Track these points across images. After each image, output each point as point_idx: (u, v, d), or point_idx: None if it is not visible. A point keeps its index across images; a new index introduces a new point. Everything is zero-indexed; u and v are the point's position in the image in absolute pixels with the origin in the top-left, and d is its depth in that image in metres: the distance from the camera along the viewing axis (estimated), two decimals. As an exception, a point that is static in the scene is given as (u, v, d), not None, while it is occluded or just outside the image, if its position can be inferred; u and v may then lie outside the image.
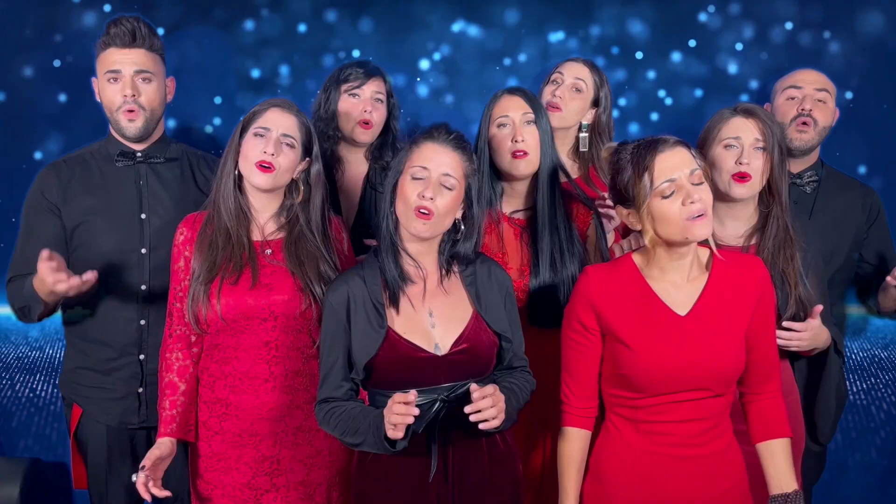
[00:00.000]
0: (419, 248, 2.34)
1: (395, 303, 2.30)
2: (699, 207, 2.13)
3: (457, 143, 2.33)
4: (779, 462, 2.27)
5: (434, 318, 2.31)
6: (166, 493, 2.43)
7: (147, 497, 2.48)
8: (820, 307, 2.54)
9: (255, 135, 2.48)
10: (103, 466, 2.82)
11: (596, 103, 3.07)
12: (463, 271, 2.37)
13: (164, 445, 2.50)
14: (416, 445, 2.24)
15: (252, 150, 2.47)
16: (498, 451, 2.34)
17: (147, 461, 2.45)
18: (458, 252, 2.37)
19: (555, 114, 3.00)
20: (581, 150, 3.07)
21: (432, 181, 2.27)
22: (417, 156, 2.31)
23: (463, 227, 2.35)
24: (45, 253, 2.48)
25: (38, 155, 3.43)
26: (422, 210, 2.26)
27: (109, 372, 2.80)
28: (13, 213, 3.02)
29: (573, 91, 3.03)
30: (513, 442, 2.42)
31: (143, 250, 2.78)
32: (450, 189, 2.29)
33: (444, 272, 2.35)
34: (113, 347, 2.79)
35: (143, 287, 2.78)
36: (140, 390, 2.80)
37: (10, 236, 2.94)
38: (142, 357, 2.80)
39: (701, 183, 2.17)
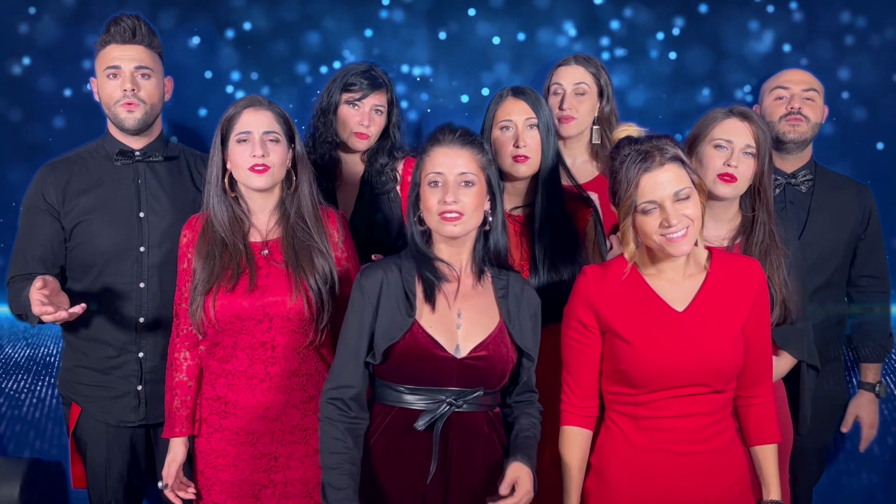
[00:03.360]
0: (452, 251, 2.33)
1: (429, 300, 2.29)
2: (676, 229, 2.15)
3: (464, 139, 2.32)
4: (767, 468, 2.32)
5: (462, 319, 2.30)
6: (192, 489, 2.58)
7: (177, 502, 2.60)
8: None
9: (239, 141, 2.49)
10: (102, 465, 2.83)
11: (600, 93, 3.08)
12: (496, 280, 2.36)
13: (179, 452, 2.57)
14: (417, 447, 2.25)
15: (241, 157, 2.49)
16: (497, 460, 2.33)
17: (169, 478, 2.57)
18: (491, 247, 2.36)
19: (570, 123, 3.03)
20: (594, 142, 3.08)
21: (450, 184, 2.27)
22: (430, 163, 2.30)
23: (491, 219, 2.35)
24: (38, 282, 2.48)
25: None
26: (447, 214, 2.25)
27: (108, 370, 2.81)
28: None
29: (578, 95, 3.04)
30: None
31: (142, 248, 2.78)
32: (470, 185, 2.28)
33: (477, 275, 2.35)
34: (112, 346, 2.79)
35: (142, 285, 2.78)
36: (139, 388, 2.81)
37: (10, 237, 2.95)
38: (140, 355, 2.80)
39: (687, 198, 2.17)
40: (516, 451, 2.30)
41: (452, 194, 2.26)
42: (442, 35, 3.50)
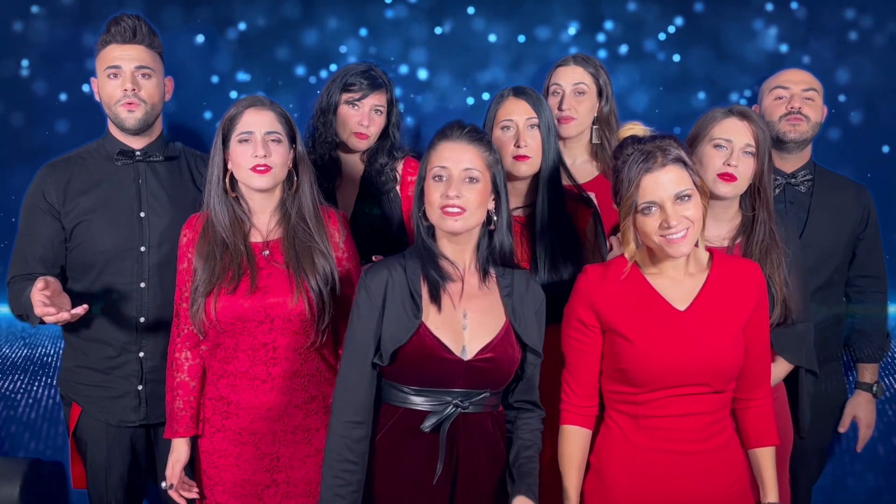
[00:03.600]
0: (455, 249, 2.32)
1: (435, 300, 2.28)
2: (676, 230, 2.16)
3: (472, 136, 2.31)
4: (765, 470, 2.33)
5: (468, 319, 2.29)
6: (196, 489, 2.59)
7: (182, 502, 2.61)
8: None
9: (241, 141, 2.49)
10: (103, 465, 2.83)
11: (600, 93, 3.06)
12: (501, 279, 2.35)
13: (182, 452, 2.58)
14: (423, 448, 2.26)
15: (243, 157, 2.48)
16: (500, 457, 2.34)
17: (173, 478, 2.58)
18: (496, 247, 2.35)
19: (570, 124, 3.02)
20: (594, 142, 3.07)
21: (454, 179, 2.26)
22: (436, 157, 2.30)
23: (496, 218, 2.34)
24: (39, 283, 2.48)
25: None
26: (448, 209, 2.25)
27: (109, 370, 2.81)
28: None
29: (577, 95, 3.03)
30: None
31: (143, 248, 2.79)
32: (475, 181, 2.27)
33: (482, 274, 2.33)
34: (112, 346, 2.80)
35: (143, 285, 2.78)
36: (140, 388, 2.81)
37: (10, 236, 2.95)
38: (141, 354, 2.80)
39: (688, 199, 2.18)
40: (520, 480, 2.30)
41: (455, 189, 2.25)
42: (439, 33, 3.50)
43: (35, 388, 3.47)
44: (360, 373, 2.29)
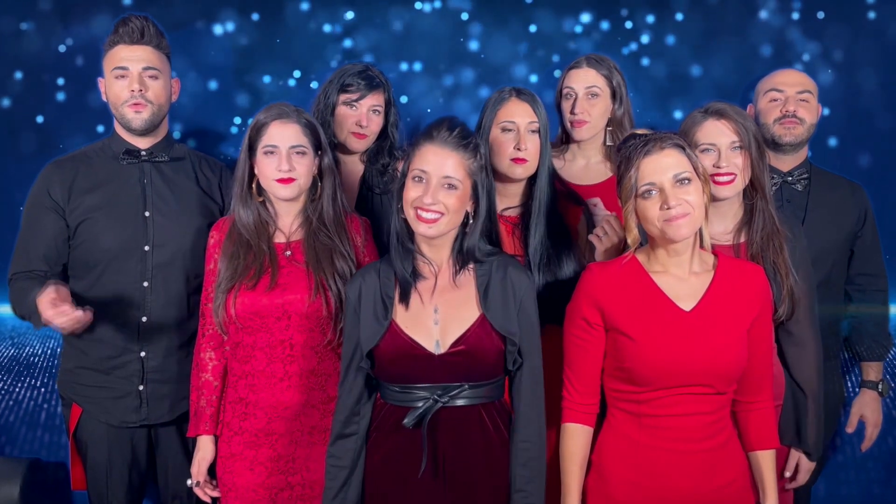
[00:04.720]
0: (431, 249, 2.34)
1: (404, 299, 2.32)
2: (676, 212, 2.18)
3: (458, 141, 2.29)
4: (766, 473, 2.35)
5: (439, 314, 2.31)
6: (217, 489, 2.65)
7: (207, 499, 2.67)
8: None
9: (266, 153, 2.54)
10: (103, 466, 2.82)
11: (613, 95, 3.02)
12: (477, 270, 2.35)
13: (207, 450, 2.64)
14: (410, 443, 2.28)
15: (267, 169, 2.54)
16: (494, 450, 2.34)
17: (199, 476, 2.64)
18: (465, 249, 2.34)
19: (583, 127, 2.99)
20: (608, 144, 3.04)
21: (433, 184, 2.26)
22: (418, 158, 2.29)
23: (472, 221, 2.33)
24: (50, 291, 2.49)
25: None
26: (422, 212, 2.26)
27: (110, 371, 2.80)
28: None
29: (590, 98, 2.99)
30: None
31: (146, 248, 2.78)
32: (453, 189, 2.27)
33: (457, 268, 2.35)
34: (113, 346, 2.79)
35: (146, 284, 2.78)
36: (141, 388, 2.80)
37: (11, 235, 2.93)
38: (143, 354, 2.80)
39: (688, 183, 2.21)
40: None
41: (432, 196, 2.25)
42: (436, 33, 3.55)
43: (17, 389, 3.44)
44: (346, 374, 2.36)
